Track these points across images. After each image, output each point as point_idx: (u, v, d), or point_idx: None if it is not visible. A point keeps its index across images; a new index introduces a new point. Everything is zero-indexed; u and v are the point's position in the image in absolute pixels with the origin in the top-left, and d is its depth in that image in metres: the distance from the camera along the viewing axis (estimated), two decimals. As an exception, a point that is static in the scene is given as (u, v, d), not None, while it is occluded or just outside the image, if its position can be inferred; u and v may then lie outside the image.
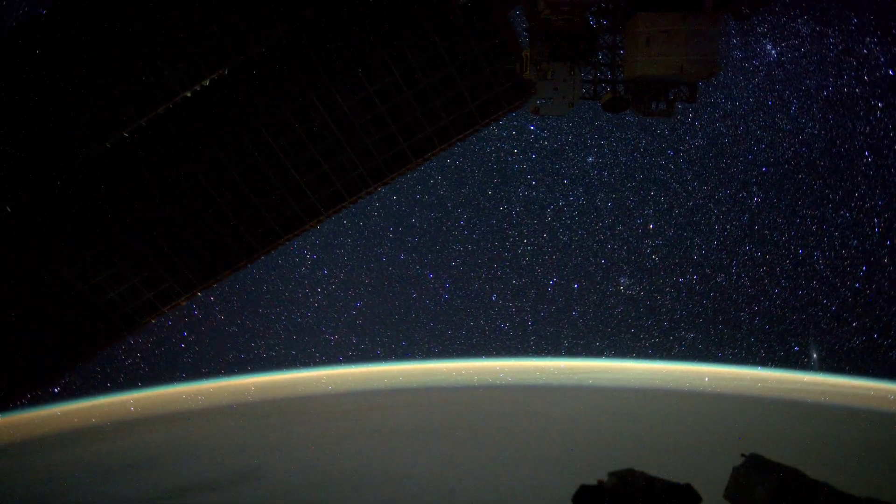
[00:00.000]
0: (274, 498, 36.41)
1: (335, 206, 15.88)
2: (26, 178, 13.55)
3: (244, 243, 15.59)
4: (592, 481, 10.15)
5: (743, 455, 10.28)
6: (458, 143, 16.24)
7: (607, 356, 73.84)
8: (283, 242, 15.85)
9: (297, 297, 74.67)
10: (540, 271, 77.45)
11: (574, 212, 75.07)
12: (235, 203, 15.12)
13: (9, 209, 13.72)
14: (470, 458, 44.29)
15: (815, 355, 65.11)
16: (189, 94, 13.45)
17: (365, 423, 52.09)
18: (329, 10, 13.77)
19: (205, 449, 44.64)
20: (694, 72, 10.08)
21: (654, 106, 10.86)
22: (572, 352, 76.43)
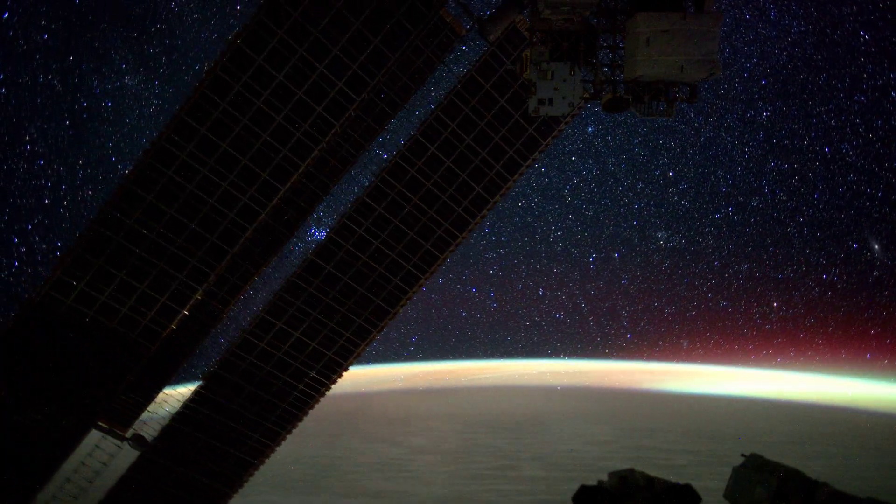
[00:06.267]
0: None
1: (430, 268, 15.90)
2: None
3: (358, 328, 16.10)
4: (592, 481, 10.15)
5: (743, 455, 10.27)
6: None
7: (669, 312, 69.46)
8: (392, 317, 16.27)
9: (352, 349, 73.46)
10: (577, 252, 75.53)
11: (591, 184, 73.19)
12: (339, 295, 15.59)
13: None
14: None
15: (876, 246, 62.16)
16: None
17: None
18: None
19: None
20: (694, 72, 10.10)
21: (654, 106, 10.85)
22: (634, 320, 73.77)
